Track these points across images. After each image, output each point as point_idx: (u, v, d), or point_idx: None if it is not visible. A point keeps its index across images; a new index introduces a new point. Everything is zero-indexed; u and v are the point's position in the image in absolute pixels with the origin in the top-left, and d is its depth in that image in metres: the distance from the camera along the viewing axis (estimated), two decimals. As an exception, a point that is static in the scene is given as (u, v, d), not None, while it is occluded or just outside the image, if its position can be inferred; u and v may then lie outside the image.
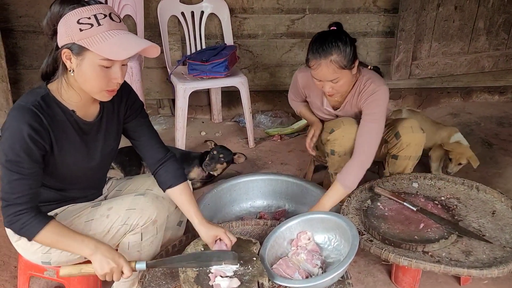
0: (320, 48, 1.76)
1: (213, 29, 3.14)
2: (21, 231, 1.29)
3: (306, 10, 3.13)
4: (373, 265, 1.92)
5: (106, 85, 1.28)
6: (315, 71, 1.79)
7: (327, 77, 1.79)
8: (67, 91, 1.32)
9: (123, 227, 1.41)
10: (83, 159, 1.41)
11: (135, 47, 1.23)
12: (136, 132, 1.55)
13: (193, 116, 3.39)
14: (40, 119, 1.26)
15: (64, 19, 1.22)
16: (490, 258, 1.56)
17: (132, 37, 1.25)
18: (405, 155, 2.00)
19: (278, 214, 2.18)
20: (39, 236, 1.29)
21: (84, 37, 1.21)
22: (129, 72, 2.75)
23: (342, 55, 1.75)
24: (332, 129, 1.97)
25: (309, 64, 1.81)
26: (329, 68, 1.76)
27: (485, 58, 3.31)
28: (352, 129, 1.92)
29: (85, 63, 1.24)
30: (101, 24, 1.21)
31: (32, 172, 1.27)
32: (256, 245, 1.51)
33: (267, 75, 3.32)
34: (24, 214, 1.27)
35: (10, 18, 2.96)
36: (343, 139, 1.93)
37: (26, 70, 3.11)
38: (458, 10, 3.14)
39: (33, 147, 1.25)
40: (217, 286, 1.32)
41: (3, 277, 1.86)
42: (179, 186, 1.53)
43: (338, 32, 1.82)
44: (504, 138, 3.01)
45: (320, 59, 1.75)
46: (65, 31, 1.22)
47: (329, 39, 1.76)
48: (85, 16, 1.20)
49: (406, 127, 1.97)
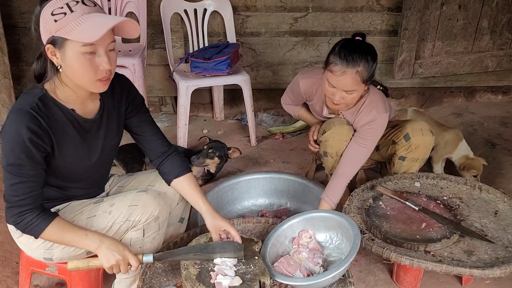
0: (349, 56, 1.72)
1: (215, 27, 3.13)
2: (26, 230, 1.30)
3: (309, 8, 3.12)
4: (375, 264, 1.92)
5: (95, 74, 1.25)
6: (335, 78, 1.75)
7: (345, 87, 1.76)
8: (62, 90, 1.31)
9: (125, 223, 1.41)
10: (84, 157, 1.40)
11: (107, 24, 1.19)
12: (138, 127, 1.54)
13: (195, 114, 3.39)
14: (39, 121, 1.25)
15: (41, 16, 1.21)
16: (492, 258, 1.55)
17: (106, 16, 1.23)
18: (413, 157, 2.00)
19: (280, 213, 2.18)
20: (44, 234, 1.30)
21: (60, 27, 1.19)
22: (131, 69, 2.75)
23: (367, 69, 1.73)
24: (324, 130, 1.96)
25: (331, 68, 1.75)
26: (352, 79, 1.73)
27: (488, 58, 3.29)
28: (343, 129, 1.91)
29: (68, 55, 1.22)
30: (73, 11, 1.19)
31: (34, 175, 1.27)
32: (258, 244, 1.51)
33: (269, 73, 3.32)
34: (28, 214, 1.28)
35: (13, 14, 2.96)
36: (333, 140, 1.93)
37: (29, 67, 3.02)
38: (462, 9, 3.12)
39: (34, 150, 1.25)
40: (219, 284, 1.32)
41: (5, 273, 1.86)
42: (185, 176, 1.54)
43: (368, 44, 1.79)
44: (507, 138, 3.00)
45: (346, 67, 1.72)
46: (43, 26, 1.21)
47: (360, 50, 1.73)
48: (58, 6, 1.19)
49: (416, 129, 1.96)
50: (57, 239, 1.34)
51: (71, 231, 1.33)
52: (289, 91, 2.16)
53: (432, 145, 2.00)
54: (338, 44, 1.80)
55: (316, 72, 1.98)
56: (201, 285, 1.33)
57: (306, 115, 2.19)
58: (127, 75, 2.75)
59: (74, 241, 1.34)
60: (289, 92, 2.17)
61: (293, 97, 2.15)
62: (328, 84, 1.80)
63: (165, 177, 1.56)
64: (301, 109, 2.19)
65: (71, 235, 1.33)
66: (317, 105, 2.06)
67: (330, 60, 1.77)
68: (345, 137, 1.92)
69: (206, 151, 2.44)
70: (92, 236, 1.34)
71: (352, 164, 1.91)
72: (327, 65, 1.79)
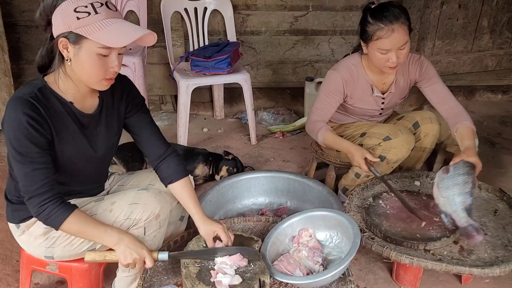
0: (388, 13, 1.77)
1: (216, 26, 3.13)
2: (47, 221, 1.31)
3: (309, 7, 3.12)
4: (374, 263, 1.92)
5: (103, 74, 1.28)
6: (387, 40, 1.78)
7: (399, 43, 1.79)
8: (64, 82, 1.32)
9: (126, 221, 1.42)
10: (83, 151, 1.41)
11: (133, 34, 1.24)
12: (137, 128, 1.55)
13: (196, 112, 3.39)
14: (38, 109, 1.26)
15: (59, 8, 1.22)
16: (492, 257, 1.55)
17: (130, 25, 1.26)
18: (421, 146, 2.02)
19: (280, 211, 2.18)
20: (63, 226, 1.31)
21: (82, 25, 1.21)
22: (131, 67, 2.75)
23: (406, 17, 1.80)
24: (388, 137, 1.91)
25: (378, 35, 1.78)
26: (402, 31, 1.78)
27: (488, 57, 3.30)
28: (411, 139, 1.93)
29: (83, 52, 1.24)
30: (98, 13, 1.21)
31: (43, 161, 1.28)
32: (258, 243, 1.51)
33: (269, 72, 3.32)
34: (49, 204, 1.28)
35: (13, 13, 2.96)
36: (402, 148, 1.91)
37: (29, 65, 3.11)
38: (462, 8, 3.13)
39: (36, 135, 1.25)
40: (219, 283, 1.32)
41: (5, 271, 1.87)
42: (180, 182, 1.53)
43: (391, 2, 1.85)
44: (506, 137, 3.00)
45: (392, 24, 1.76)
46: (62, 20, 1.22)
47: (390, 5, 1.80)
48: (82, 4, 1.21)
49: (425, 118, 2.00)
50: (75, 232, 1.35)
51: (90, 225, 1.33)
52: (324, 95, 2.02)
53: (438, 135, 2.02)
54: (367, 14, 1.83)
55: (343, 64, 2.01)
56: (201, 283, 1.33)
57: (337, 138, 1.98)
58: (127, 73, 2.78)
59: (93, 236, 1.35)
60: (322, 97, 2.03)
61: (328, 100, 2.01)
62: (380, 52, 1.82)
63: (162, 181, 1.56)
64: (330, 133, 1.99)
65: (90, 229, 1.33)
66: (363, 89, 2.00)
67: (370, 30, 1.81)
68: (411, 146, 1.94)
69: (232, 172, 2.46)
70: (111, 232, 1.35)
71: (452, 97, 1.97)
72: (371, 37, 1.81)
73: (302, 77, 3.29)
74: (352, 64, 1.99)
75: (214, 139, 3.05)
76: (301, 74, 3.32)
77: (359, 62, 2.00)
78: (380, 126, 2.01)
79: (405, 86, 2.05)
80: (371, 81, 2.00)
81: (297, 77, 3.34)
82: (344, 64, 2.01)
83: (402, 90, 2.07)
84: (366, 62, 1.98)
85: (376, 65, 1.90)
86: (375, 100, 2.05)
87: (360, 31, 1.89)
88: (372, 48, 1.84)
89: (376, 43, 1.81)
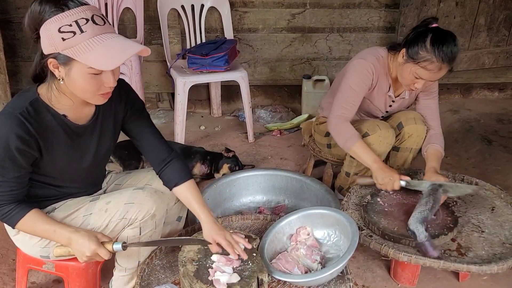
0: (447, 51, 1.68)
1: (213, 23, 3.12)
2: (4, 220, 1.33)
3: (306, 4, 3.12)
4: (372, 261, 1.93)
5: (98, 90, 1.25)
6: (428, 72, 1.72)
7: (436, 79, 1.78)
8: (57, 97, 1.29)
9: (122, 221, 1.41)
10: (76, 160, 1.39)
11: (122, 56, 1.17)
12: (138, 133, 1.52)
13: (193, 110, 3.38)
14: (26, 128, 1.23)
15: (45, 26, 1.16)
16: (489, 254, 1.56)
17: (119, 42, 1.19)
18: (406, 146, 2.01)
19: (278, 209, 2.18)
20: (19, 225, 1.33)
21: (68, 47, 1.15)
22: (128, 65, 2.73)
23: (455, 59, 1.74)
24: (366, 133, 1.91)
25: (425, 65, 1.71)
26: (444, 72, 1.74)
27: (485, 55, 3.30)
28: (389, 133, 1.92)
29: (74, 72, 1.20)
30: (84, 31, 1.15)
31: (16, 176, 1.28)
32: (256, 241, 1.51)
33: (267, 70, 3.31)
34: (5, 206, 1.31)
35: (8, 9, 2.94)
36: (380, 144, 1.91)
37: (24, 62, 3.09)
38: (459, 6, 3.13)
39: (19, 156, 1.24)
40: (217, 281, 1.32)
41: (1, 270, 1.85)
42: (185, 184, 1.51)
43: (453, 34, 1.74)
44: (503, 134, 3.01)
45: (443, 64, 1.70)
46: (48, 41, 1.17)
47: (454, 44, 1.70)
48: (66, 23, 1.14)
49: (409, 118, 1.98)
50: (30, 231, 1.36)
51: (42, 225, 1.33)
52: (350, 87, 1.90)
53: (424, 135, 2.00)
54: (427, 35, 1.71)
55: (371, 53, 1.93)
56: (199, 282, 1.33)
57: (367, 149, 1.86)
58: (124, 70, 2.77)
59: (46, 236, 1.36)
60: (348, 89, 1.90)
61: (355, 93, 1.90)
62: (414, 75, 1.77)
63: (166, 185, 1.54)
64: (361, 141, 1.87)
65: (41, 230, 1.34)
66: (383, 84, 1.97)
67: (421, 55, 1.71)
68: (390, 141, 1.93)
69: (234, 169, 2.45)
70: (60, 231, 1.34)
71: (438, 116, 2.01)
72: (416, 59, 1.73)
73: (300, 75, 3.29)
74: (381, 56, 1.92)
75: (211, 137, 3.04)
76: (299, 71, 3.32)
77: (386, 58, 1.93)
78: (360, 122, 1.99)
79: (413, 95, 2.04)
80: (390, 80, 1.96)
81: (295, 74, 3.33)
82: (373, 54, 1.92)
83: (411, 99, 2.06)
84: (393, 63, 1.91)
85: (400, 79, 1.88)
86: (386, 100, 2.03)
87: (410, 43, 1.75)
88: (409, 67, 1.77)
89: (417, 68, 1.74)
